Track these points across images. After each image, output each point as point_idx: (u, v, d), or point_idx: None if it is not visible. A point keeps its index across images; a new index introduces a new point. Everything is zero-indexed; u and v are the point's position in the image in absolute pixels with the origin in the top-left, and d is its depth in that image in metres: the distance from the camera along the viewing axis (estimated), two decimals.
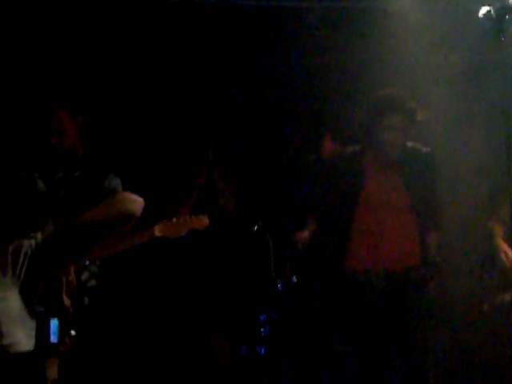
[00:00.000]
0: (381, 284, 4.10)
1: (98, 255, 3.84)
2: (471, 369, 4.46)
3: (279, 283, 4.41)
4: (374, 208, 4.16)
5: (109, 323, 4.13)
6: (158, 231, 4.03)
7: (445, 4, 4.73)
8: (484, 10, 3.06)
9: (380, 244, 4.12)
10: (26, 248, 2.86)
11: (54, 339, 3.08)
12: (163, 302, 4.69)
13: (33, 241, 2.88)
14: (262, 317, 4.48)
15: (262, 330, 4.46)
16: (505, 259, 4.29)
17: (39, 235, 2.91)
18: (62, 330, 3.12)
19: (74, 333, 3.16)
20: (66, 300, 3.15)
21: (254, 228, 4.49)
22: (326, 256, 4.38)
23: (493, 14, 3.03)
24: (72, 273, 3.22)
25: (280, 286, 4.41)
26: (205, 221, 4.14)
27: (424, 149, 4.30)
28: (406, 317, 4.08)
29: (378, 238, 4.12)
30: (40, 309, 2.99)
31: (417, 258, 4.17)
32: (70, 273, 3.29)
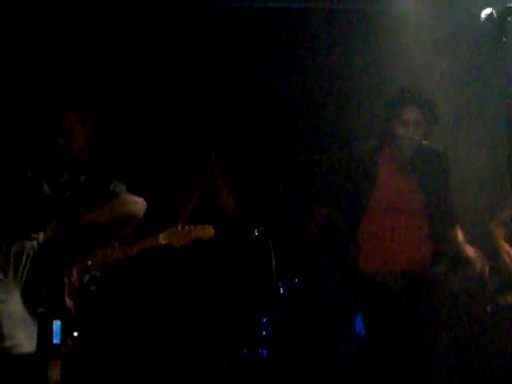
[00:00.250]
0: (395, 285, 4.05)
1: (102, 259, 3.83)
2: (472, 369, 4.46)
3: (281, 286, 4.40)
4: (388, 208, 4.09)
5: (112, 325, 4.12)
6: (163, 239, 4.01)
7: (446, 6, 4.74)
8: (486, 11, 3.06)
9: (394, 245, 4.06)
10: (29, 249, 2.85)
11: (56, 341, 3.07)
12: (166, 304, 4.69)
13: (35, 242, 2.87)
14: (264, 319, 4.48)
15: (264, 333, 4.45)
16: (507, 260, 4.29)
17: (41, 237, 2.90)
18: (65, 331, 3.12)
19: (76, 334, 3.16)
20: (69, 301, 3.15)
21: (255, 232, 4.48)
22: (339, 256, 4.32)
23: (495, 16, 3.04)
24: (74, 274, 3.22)
25: (282, 289, 4.40)
26: (210, 231, 4.10)
27: (440, 149, 4.23)
28: (419, 317, 4.03)
29: (392, 239, 4.06)
30: (42, 310, 2.99)
31: (429, 260, 4.11)
32: (72, 274, 3.29)
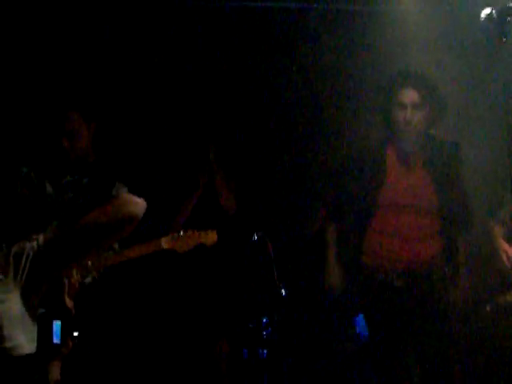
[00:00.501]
0: (399, 283, 3.99)
1: (103, 262, 3.82)
2: (472, 369, 4.46)
3: (282, 287, 4.39)
4: (394, 205, 4.01)
5: (111, 325, 4.12)
6: (165, 243, 3.99)
7: (446, 6, 4.74)
8: (486, 11, 3.07)
9: (400, 243, 3.99)
10: (28, 250, 2.85)
11: (56, 341, 3.07)
12: (166, 304, 4.69)
13: (35, 243, 2.87)
14: (264, 319, 4.48)
15: (264, 333, 4.45)
16: (506, 260, 4.28)
17: (41, 237, 2.90)
18: (65, 331, 3.12)
19: (76, 334, 3.16)
20: (69, 302, 3.15)
21: (255, 236, 4.47)
22: (344, 253, 4.28)
23: (494, 16, 3.04)
24: (74, 274, 3.22)
25: (283, 290, 4.39)
26: (213, 237, 4.07)
27: (449, 139, 4.13)
28: (421, 316, 3.99)
29: (397, 236, 4.00)
30: (42, 311, 2.99)
31: (438, 259, 4.05)
32: (71, 274, 3.29)
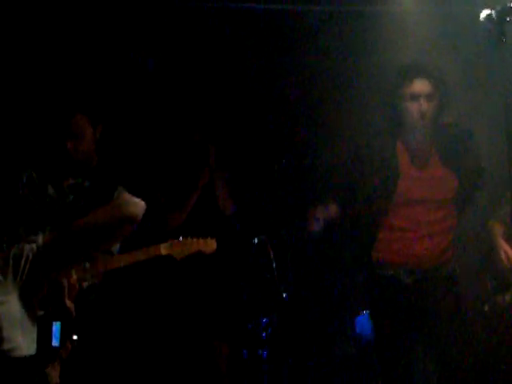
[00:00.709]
0: (409, 279, 3.95)
1: (102, 267, 3.82)
2: (472, 369, 4.46)
3: (282, 288, 4.39)
4: (409, 201, 3.95)
5: (111, 328, 4.12)
6: (164, 249, 3.98)
7: (446, 6, 4.74)
8: (485, 12, 3.06)
9: (411, 239, 3.95)
10: (28, 252, 2.85)
11: (55, 343, 3.07)
12: (165, 306, 4.68)
13: (34, 245, 2.87)
14: (264, 320, 4.48)
15: (264, 334, 4.45)
16: (504, 259, 4.26)
17: (40, 239, 2.90)
18: (64, 333, 3.11)
19: (75, 337, 3.15)
20: (69, 303, 3.15)
21: (255, 240, 4.47)
22: (354, 248, 4.26)
23: (494, 17, 3.04)
24: (74, 276, 3.21)
25: (283, 291, 4.39)
26: (213, 245, 4.07)
27: (461, 126, 4.06)
28: (431, 313, 3.96)
29: (410, 232, 3.95)
30: (42, 313, 2.99)
31: (449, 254, 4.02)
32: (71, 276, 3.28)
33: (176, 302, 4.68)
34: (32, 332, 2.84)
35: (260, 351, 4.48)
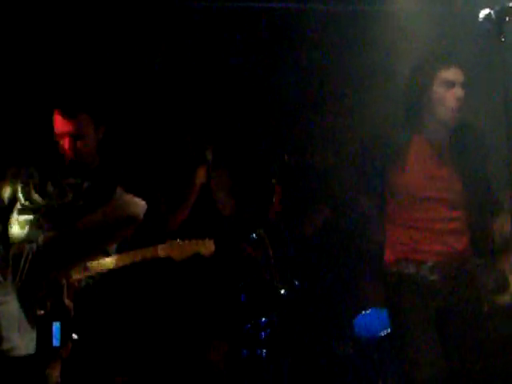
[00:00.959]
0: (433, 276, 3.85)
1: (99, 268, 3.81)
2: (471, 369, 4.46)
3: (283, 289, 4.39)
4: (420, 198, 3.82)
5: (110, 328, 4.12)
6: (162, 251, 3.98)
7: (446, 6, 4.74)
8: (484, 12, 3.06)
9: (430, 237, 3.84)
10: (27, 251, 2.86)
11: (56, 343, 3.07)
12: (164, 305, 4.69)
13: (34, 244, 2.87)
14: (263, 320, 4.48)
15: (263, 333, 4.45)
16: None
17: (40, 239, 2.90)
18: (64, 333, 3.11)
19: (75, 336, 3.16)
20: (68, 303, 3.15)
21: (253, 235, 4.47)
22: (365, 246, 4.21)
23: (493, 16, 3.04)
24: (73, 276, 3.22)
25: (284, 293, 4.38)
26: (211, 246, 4.03)
27: (476, 123, 3.94)
28: (454, 311, 3.93)
29: (422, 229, 3.85)
30: (41, 312, 2.99)
31: (466, 253, 3.93)
32: (70, 275, 3.29)
33: (175, 302, 4.68)
34: (31, 332, 2.84)
35: (259, 351, 4.48)
